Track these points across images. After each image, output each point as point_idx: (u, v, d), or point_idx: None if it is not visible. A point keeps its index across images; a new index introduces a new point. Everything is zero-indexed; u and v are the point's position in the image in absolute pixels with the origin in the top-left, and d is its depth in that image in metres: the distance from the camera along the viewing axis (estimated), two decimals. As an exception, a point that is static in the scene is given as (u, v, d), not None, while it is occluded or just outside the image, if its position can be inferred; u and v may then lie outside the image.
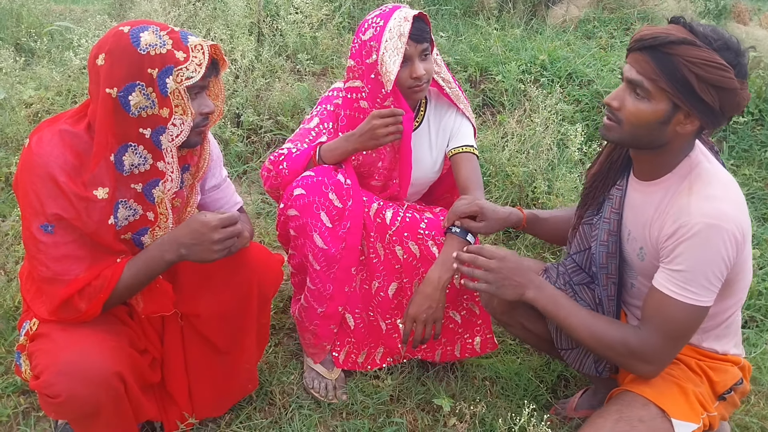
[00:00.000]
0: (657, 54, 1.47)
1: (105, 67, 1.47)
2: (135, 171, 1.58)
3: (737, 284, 1.62)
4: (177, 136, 1.56)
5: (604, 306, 1.81)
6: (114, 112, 1.49)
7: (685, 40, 1.45)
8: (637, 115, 1.53)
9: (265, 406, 2.07)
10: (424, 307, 1.90)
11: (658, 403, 1.61)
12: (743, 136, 3.69)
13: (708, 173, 1.56)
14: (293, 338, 2.36)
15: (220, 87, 1.73)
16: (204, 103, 1.61)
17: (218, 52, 1.61)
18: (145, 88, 1.48)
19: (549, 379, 2.24)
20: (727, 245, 1.49)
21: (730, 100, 1.46)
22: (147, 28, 1.49)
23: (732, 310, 1.69)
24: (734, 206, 1.52)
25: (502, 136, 3.38)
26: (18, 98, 3.27)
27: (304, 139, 2.12)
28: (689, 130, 1.53)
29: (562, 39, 4.50)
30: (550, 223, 2.04)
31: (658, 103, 1.50)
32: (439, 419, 2.05)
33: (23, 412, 1.96)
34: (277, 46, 3.97)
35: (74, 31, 3.81)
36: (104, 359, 1.54)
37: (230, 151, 3.31)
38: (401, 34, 1.93)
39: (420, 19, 1.97)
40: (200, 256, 1.58)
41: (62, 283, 1.53)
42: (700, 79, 1.44)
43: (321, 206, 1.96)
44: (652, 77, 1.48)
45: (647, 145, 1.58)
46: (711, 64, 1.43)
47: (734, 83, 1.44)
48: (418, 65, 1.97)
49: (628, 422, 1.58)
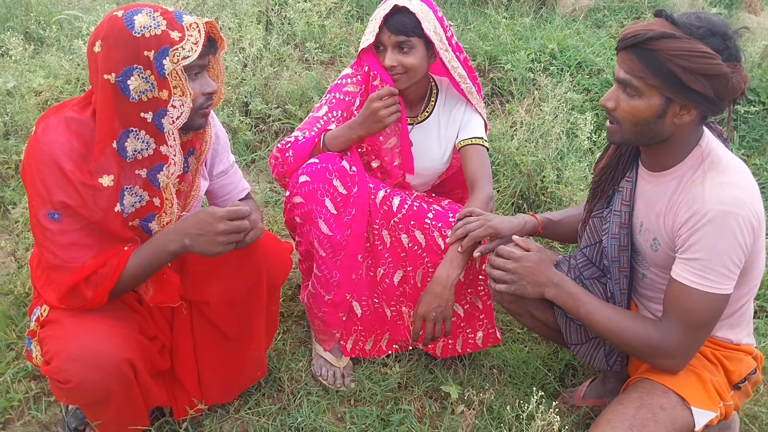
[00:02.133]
0: (640, 51, 1.47)
1: (102, 54, 1.47)
2: (138, 156, 1.57)
3: (752, 272, 1.62)
4: (177, 117, 1.54)
5: (616, 299, 1.80)
6: (114, 97, 1.48)
7: (665, 33, 1.44)
8: (633, 113, 1.53)
9: (273, 392, 2.08)
10: (433, 305, 1.90)
11: (678, 391, 1.62)
12: (754, 126, 3.66)
13: (721, 161, 1.55)
14: (302, 326, 2.37)
15: (220, 67, 1.70)
16: (206, 83, 1.60)
17: (215, 30, 1.58)
18: (143, 71, 1.47)
19: (557, 368, 2.24)
20: (744, 231, 1.48)
21: (722, 85, 1.45)
22: (140, 11, 1.48)
23: (746, 298, 1.68)
24: (749, 193, 1.51)
25: (511, 125, 3.36)
26: (27, 86, 3.28)
27: (313, 127, 2.12)
28: (687, 120, 1.52)
29: (571, 28, 4.47)
30: (564, 224, 2.03)
31: (650, 98, 1.50)
32: (446, 406, 2.06)
33: (34, 396, 1.98)
34: (286, 34, 3.96)
35: (83, 20, 3.82)
36: (114, 346, 1.55)
37: (239, 140, 3.31)
38: (378, 18, 1.97)
39: (408, 13, 1.96)
40: (204, 248, 1.56)
41: (69, 271, 1.53)
42: (686, 70, 1.43)
43: (325, 193, 1.96)
44: (639, 75, 1.49)
45: (651, 140, 1.58)
46: (694, 53, 1.42)
47: (722, 68, 1.43)
48: (388, 55, 1.99)
49: (650, 409, 1.59)
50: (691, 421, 1.60)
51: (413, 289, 2.11)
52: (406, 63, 2.00)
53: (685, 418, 1.60)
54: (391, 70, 2.00)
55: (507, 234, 1.87)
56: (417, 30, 1.97)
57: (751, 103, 3.69)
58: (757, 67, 3.92)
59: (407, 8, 1.96)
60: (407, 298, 2.15)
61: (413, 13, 1.96)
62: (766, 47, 4.06)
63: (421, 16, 1.96)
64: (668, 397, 1.62)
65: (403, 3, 1.96)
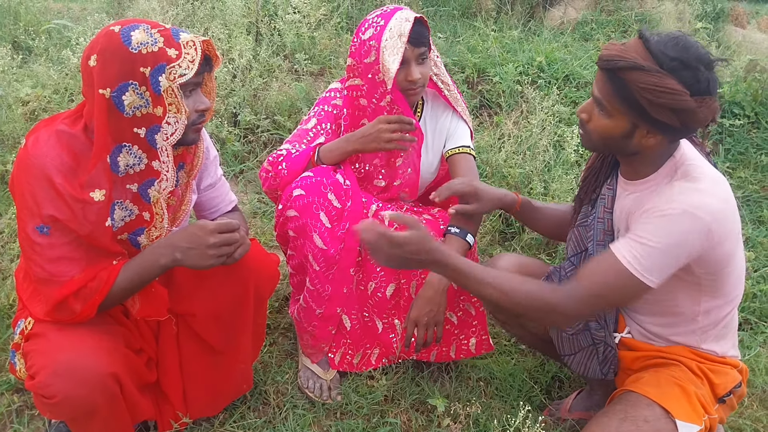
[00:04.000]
0: (612, 76, 1.51)
1: (97, 68, 1.47)
2: (130, 171, 1.57)
3: (724, 282, 1.63)
4: (172, 134, 1.55)
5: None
6: (108, 112, 1.49)
7: (635, 65, 1.46)
8: (601, 130, 1.59)
9: (259, 405, 2.07)
10: (425, 310, 1.91)
11: (662, 404, 1.62)
12: (739, 139, 3.70)
13: (696, 170, 1.57)
14: (288, 338, 2.36)
15: (213, 84, 1.71)
16: (199, 100, 1.61)
17: (211, 48, 1.60)
18: (138, 87, 1.48)
19: (543, 380, 2.25)
20: (697, 235, 1.49)
21: (689, 118, 1.48)
22: (138, 27, 1.48)
23: (728, 308, 1.70)
24: (718, 202, 1.52)
25: (498, 138, 3.38)
26: (15, 96, 3.26)
27: (302, 140, 2.12)
28: (653, 143, 1.56)
29: (559, 41, 4.51)
30: (543, 212, 2.04)
31: (618, 120, 1.55)
32: (433, 420, 2.06)
33: (17, 410, 1.96)
34: (275, 45, 3.97)
35: (72, 30, 3.80)
36: (100, 360, 1.54)
37: (227, 151, 3.31)
38: (401, 34, 1.94)
39: (420, 22, 1.98)
40: (194, 261, 1.57)
41: (57, 285, 1.53)
42: (652, 103, 1.46)
43: (320, 206, 1.96)
44: (608, 98, 1.53)
45: (620, 154, 1.63)
46: (660, 89, 1.44)
47: (689, 104, 1.45)
48: (414, 69, 1.98)
49: (633, 422, 1.59)
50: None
51: (407, 301, 2.11)
52: (425, 74, 2.02)
53: (669, 431, 1.61)
54: (415, 83, 2.00)
55: (484, 195, 1.90)
56: (428, 39, 2.01)
57: (736, 117, 3.73)
58: (742, 81, 3.96)
59: (422, 18, 1.98)
60: (400, 311, 2.14)
61: (425, 21, 1.99)
62: (750, 61, 4.10)
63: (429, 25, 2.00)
64: (652, 409, 1.62)
65: (411, 14, 1.97)
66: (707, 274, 1.60)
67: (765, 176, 3.54)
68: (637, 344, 1.82)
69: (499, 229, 3.00)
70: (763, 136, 3.70)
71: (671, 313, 1.72)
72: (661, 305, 1.72)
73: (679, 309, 1.69)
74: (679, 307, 1.69)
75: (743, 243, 2.98)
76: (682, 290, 1.66)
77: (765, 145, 3.66)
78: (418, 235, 1.48)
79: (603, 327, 1.83)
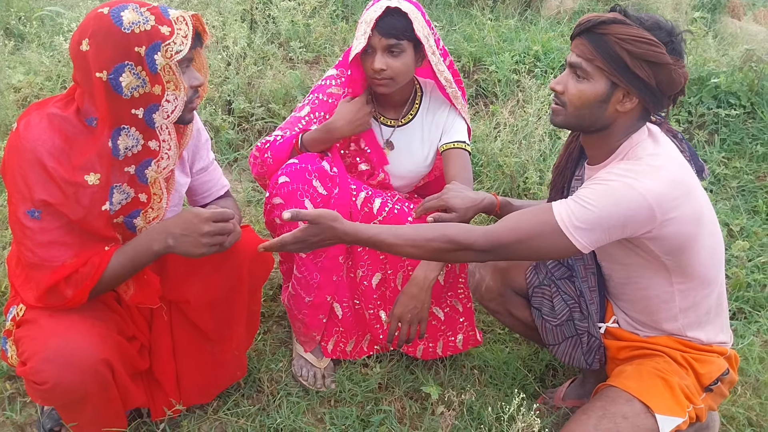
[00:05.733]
0: (592, 35, 1.56)
1: (91, 52, 1.45)
2: (128, 153, 1.56)
3: (690, 263, 1.63)
4: (172, 112, 1.54)
5: (586, 297, 1.83)
6: (107, 95, 1.47)
7: (616, 19, 1.53)
8: (579, 96, 1.60)
9: (252, 393, 2.07)
10: (409, 307, 1.90)
11: (642, 399, 1.62)
12: (735, 129, 3.69)
13: (645, 151, 1.59)
14: (282, 326, 2.36)
15: (203, 59, 1.69)
16: (193, 76, 1.59)
17: (200, 23, 1.57)
18: (134, 68, 1.46)
19: (537, 369, 2.25)
20: (634, 212, 1.50)
21: (664, 76, 1.53)
22: (126, 7, 1.46)
23: (705, 291, 1.69)
24: (663, 184, 1.52)
25: (494, 127, 3.37)
26: (6, 83, 3.24)
27: (294, 127, 2.10)
28: (629, 107, 1.58)
29: (556, 30, 4.49)
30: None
31: (596, 82, 1.57)
32: (427, 407, 2.06)
33: (9, 397, 1.95)
34: (270, 33, 3.95)
35: (64, 16, 3.78)
36: (92, 346, 1.53)
37: (221, 139, 3.29)
38: (369, 20, 1.92)
39: (399, 14, 1.92)
40: (187, 248, 1.57)
41: (49, 269, 1.52)
42: (632, 54, 1.51)
43: (305, 193, 1.95)
44: (589, 57, 1.56)
45: (591, 126, 1.63)
46: (640, 39, 1.51)
47: (665, 58, 1.51)
48: (379, 58, 1.95)
49: (612, 419, 1.59)
50: (656, 428, 1.60)
51: (393, 292, 2.10)
52: (394, 67, 1.96)
53: (649, 426, 1.59)
54: (378, 74, 1.96)
55: (460, 205, 1.90)
56: (408, 33, 1.94)
57: (732, 107, 3.72)
58: (738, 71, 3.96)
59: (399, 9, 1.92)
60: (386, 302, 2.13)
61: (405, 14, 1.92)
62: (746, 51, 4.10)
63: (413, 17, 1.93)
64: (632, 405, 1.61)
65: (395, 3, 1.92)
66: (666, 254, 1.60)
67: (760, 166, 3.54)
68: (622, 334, 1.83)
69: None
70: (759, 126, 3.69)
71: (646, 296, 1.72)
72: (633, 287, 1.74)
73: (654, 291, 1.70)
74: (653, 289, 1.70)
75: (738, 233, 3.00)
76: (649, 269, 1.66)
77: (760, 135, 3.66)
78: (317, 228, 1.57)
79: (586, 317, 1.84)
